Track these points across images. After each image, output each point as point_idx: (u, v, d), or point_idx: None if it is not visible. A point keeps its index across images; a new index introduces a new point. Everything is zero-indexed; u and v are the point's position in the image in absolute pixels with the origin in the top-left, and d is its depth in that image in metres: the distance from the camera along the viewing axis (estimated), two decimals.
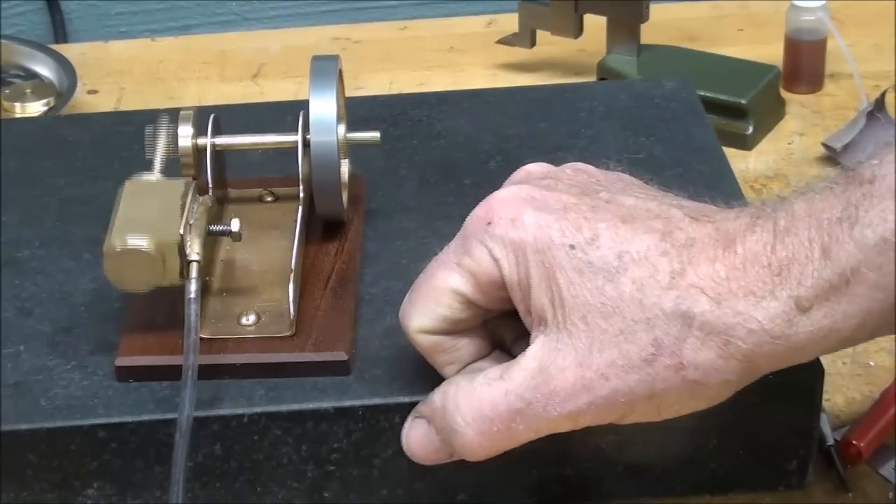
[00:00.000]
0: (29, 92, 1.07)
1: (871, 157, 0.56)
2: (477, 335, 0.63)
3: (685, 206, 0.60)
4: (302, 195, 0.73)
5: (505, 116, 0.86)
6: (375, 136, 0.74)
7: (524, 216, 0.59)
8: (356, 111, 0.79)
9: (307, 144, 0.71)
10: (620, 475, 0.69)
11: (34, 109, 1.05)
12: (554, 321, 0.58)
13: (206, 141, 0.72)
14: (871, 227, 0.55)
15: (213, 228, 0.67)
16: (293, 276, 0.69)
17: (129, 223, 0.65)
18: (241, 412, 0.65)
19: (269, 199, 0.77)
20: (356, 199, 0.77)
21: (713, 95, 0.99)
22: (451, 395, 0.61)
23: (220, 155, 0.73)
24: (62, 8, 1.27)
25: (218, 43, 1.18)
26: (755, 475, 0.70)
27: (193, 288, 0.65)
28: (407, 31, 1.18)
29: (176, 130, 0.71)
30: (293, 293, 0.68)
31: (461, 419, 0.60)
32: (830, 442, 0.72)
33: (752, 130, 1.00)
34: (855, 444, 0.72)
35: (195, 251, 0.65)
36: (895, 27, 1.10)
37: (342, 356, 0.67)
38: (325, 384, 0.66)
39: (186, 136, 0.71)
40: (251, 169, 0.80)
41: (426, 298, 0.62)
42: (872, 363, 0.79)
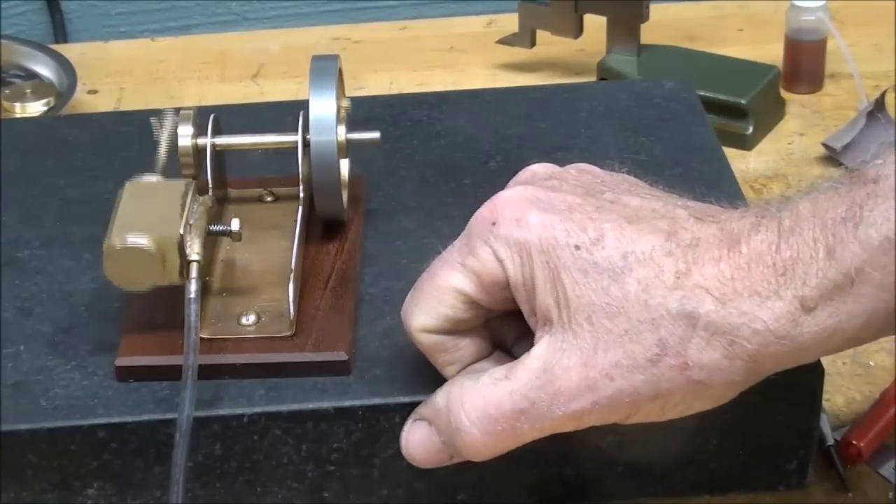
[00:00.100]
0: (29, 92, 1.07)
1: (875, 156, 0.56)
2: (478, 335, 0.63)
3: (690, 206, 0.60)
4: (302, 195, 0.73)
5: (505, 116, 0.85)
6: (375, 136, 0.74)
7: (529, 216, 0.59)
8: (356, 111, 0.79)
9: (307, 144, 0.71)
10: (620, 475, 0.69)
11: (34, 109, 1.05)
12: (559, 321, 0.58)
13: (206, 141, 0.72)
14: (875, 226, 0.54)
15: (213, 228, 0.67)
16: (293, 276, 0.69)
17: (129, 222, 0.65)
18: (241, 412, 0.65)
19: (269, 199, 0.77)
20: (356, 199, 0.77)
21: (713, 95, 0.99)
22: (455, 395, 0.61)
23: (220, 155, 0.73)
24: (62, 8, 1.27)
25: (218, 43, 1.18)
26: (755, 475, 0.70)
27: (193, 288, 0.65)
28: (407, 31, 1.18)
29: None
30: (293, 293, 0.68)
31: (466, 419, 0.60)
32: (830, 442, 0.72)
33: (752, 130, 1.00)
34: (855, 444, 0.72)
35: (195, 251, 0.65)
36: (895, 27, 1.10)
37: (342, 356, 0.67)
38: (325, 384, 0.66)
39: (186, 136, 0.71)
40: (251, 169, 0.80)
41: (429, 297, 0.61)
42: (872, 363, 0.79)
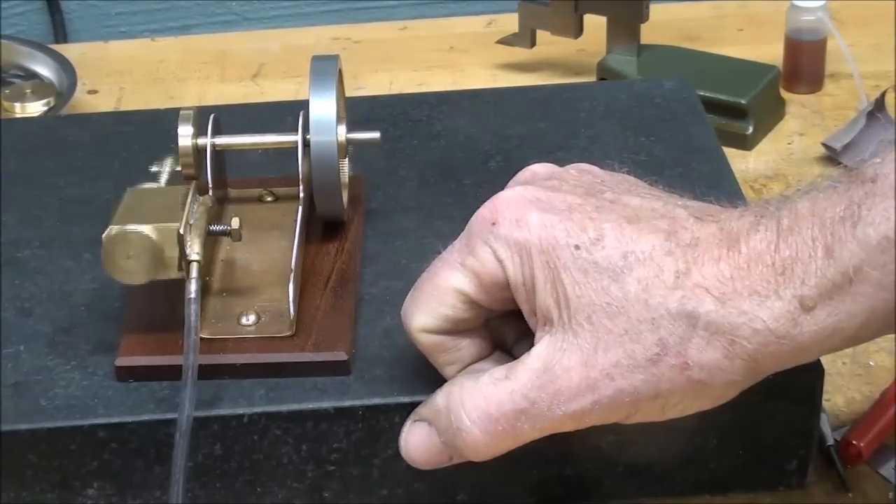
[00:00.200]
0: (29, 92, 1.07)
1: (873, 155, 0.56)
2: (478, 336, 0.63)
3: (690, 206, 0.60)
4: (302, 195, 0.73)
5: (505, 116, 0.85)
6: (375, 136, 0.74)
7: (529, 217, 0.59)
8: (356, 111, 0.79)
9: (307, 144, 0.71)
10: (620, 475, 0.69)
11: (34, 109, 1.05)
12: (559, 321, 0.58)
13: (206, 141, 0.72)
14: (873, 225, 0.54)
15: (213, 228, 0.67)
16: (293, 276, 0.69)
17: (129, 215, 0.65)
18: (241, 412, 0.65)
19: (269, 199, 0.77)
20: (356, 199, 0.77)
21: (713, 95, 0.99)
22: (455, 395, 0.61)
23: (220, 155, 0.73)
24: (62, 8, 1.27)
25: (218, 43, 1.18)
26: (755, 475, 0.70)
27: (193, 288, 0.65)
28: (407, 31, 1.18)
29: (178, 168, 0.71)
30: (293, 293, 0.68)
31: (466, 419, 0.60)
32: (830, 442, 0.72)
33: (752, 130, 1.00)
34: (855, 444, 0.72)
35: (195, 251, 0.65)
36: (895, 27, 1.10)
37: (342, 356, 0.67)
38: (325, 384, 0.66)
39: (186, 136, 0.71)
40: (251, 169, 0.80)
41: (429, 297, 0.61)
42: (872, 363, 0.79)
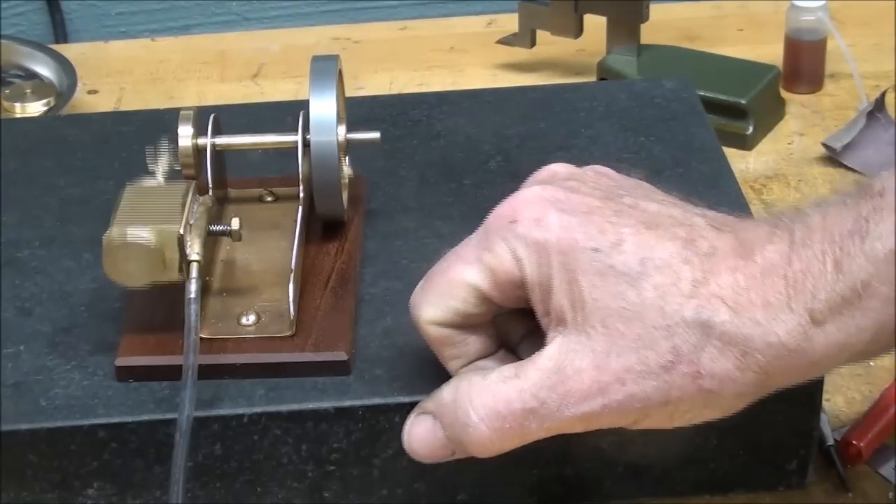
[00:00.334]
0: (29, 92, 1.07)
1: (883, 168, 0.56)
2: (485, 333, 0.63)
3: (707, 215, 0.60)
4: (302, 195, 0.73)
5: (505, 116, 0.85)
6: (375, 136, 0.74)
7: (549, 217, 0.59)
8: (356, 111, 0.79)
9: (307, 144, 0.71)
10: (620, 475, 0.69)
11: (34, 109, 1.05)
12: (573, 323, 0.58)
13: (206, 141, 0.72)
14: (880, 240, 0.54)
15: (213, 228, 0.67)
16: (293, 276, 0.69)
17: (129, 217, 0.65)
18: (241, 412, 0.65)
19: (269, 199, 0.77)
20: (356, 199, 0.77)
21: (713, 95, 0.99)
22: (463, 390, 0.60)
23: (220, 155, 0.73)
24: (62, 8, 1.27)
25: (218, 43, 1.18)
26: (755, 475, 0.70)
27: (193, 288, 0.65)
28: (407, 31, 1.18)
29: (177, 150, 0.71)
30: (293, 293, 0.68)
31: (474, 415, 0.60)
32: (830, 442, 0.72)
33: (752, 130, 1.00)
34: (855, 444, 0.72)
35: (195, 251, 0.65)
36: (895, 27, 1.10)
37: (342, 356, 0.67)
38: (325, 384, 0.66)
39: (186, 136, 0.71)
40: (251, 169, 0.80)
41: (441, 290, 0.61)
42: (872, 363, 0.78)
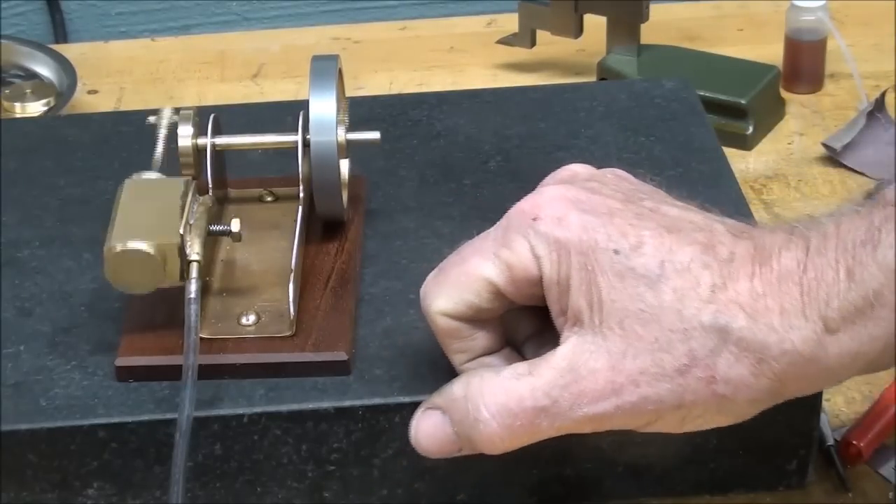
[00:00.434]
0: (29, 92, 1.07)
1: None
2: (493, 329, 0.63)
3: (726, 222, 0.60)
4: (302, 195, 0.73)
5: (505, 116, 0.85)
6: (375, 136, 0.74)
7: (570, 216, 0.59)
8: (356, 111, 0.79)
9: (307, 144, 0.71)
10: (620, 475, 0.69)
11: (34, 109, 1.05)
12: (590, 323, 0.58)
13: (206, 141, 0.72)
14: (892, 249, 0.54)
15: (213, 228, 0.67)
16: (293, 276, 0.69)
17: (129, 225, 0.65)
18: (241, 412, 0.65)
19: (269, 199, 0.77)
20: (356, 199, 0.77)
21: (713, 95, 0.99)
22: (474, 385, 0.60)
23: (220, 155, 0.73)
24: (62, 8, 1.27)
25: (218, 43, 1.18)
26: (755, 475, 0.70)
27: (193, 288, 0.65)
28: (407, 31, 1.18)
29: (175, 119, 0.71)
30: (293, 293, 0.68)
31: (486, 411, 0.59)
32: (830, 442, 0.72)
33: (752, 130, 1.00)
34: (855, 444, 0.72)
35: (195, 251, 0.65)
36: (895, 27, 1.10)
37: (342, 356, 0.67)
38: (325, 384, 0.66)
39: (186, 136, 0.71)
40: (251, 169, 0.80)
41: (455, 282, 0.61)
42: None
